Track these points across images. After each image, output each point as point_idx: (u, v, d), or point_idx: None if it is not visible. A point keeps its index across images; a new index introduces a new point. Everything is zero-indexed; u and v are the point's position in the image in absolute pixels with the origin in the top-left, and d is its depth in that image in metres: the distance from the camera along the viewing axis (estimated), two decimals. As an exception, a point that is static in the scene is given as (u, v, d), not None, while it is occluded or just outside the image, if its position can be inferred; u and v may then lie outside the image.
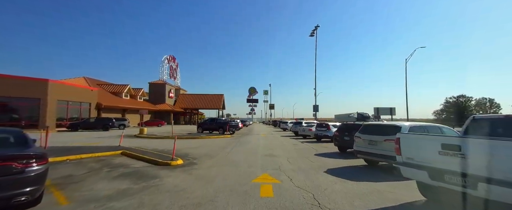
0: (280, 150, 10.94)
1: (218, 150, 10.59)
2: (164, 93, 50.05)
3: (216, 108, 55.37)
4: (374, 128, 6.79)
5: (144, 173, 6.05)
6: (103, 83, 40.22)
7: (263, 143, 14.46)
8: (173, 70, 56.80)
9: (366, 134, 6.78)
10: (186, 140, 15.90)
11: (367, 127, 7.16)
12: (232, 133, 22.59)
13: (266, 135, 22.66)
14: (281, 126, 31.16)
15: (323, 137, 15.36)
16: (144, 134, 18.53)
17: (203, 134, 19.85)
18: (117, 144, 11.38)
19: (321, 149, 11.61)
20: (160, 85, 50.22)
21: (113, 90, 38.31)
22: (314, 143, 14.44)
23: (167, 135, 18.99)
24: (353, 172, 6.37)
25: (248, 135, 22.25)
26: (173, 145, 8.59)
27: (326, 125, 15.47)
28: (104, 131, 23.78)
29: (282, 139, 17.62)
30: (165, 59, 52.77)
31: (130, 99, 40.75)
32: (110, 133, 20.96)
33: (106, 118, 25.56)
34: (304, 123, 20.95)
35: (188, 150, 10.67)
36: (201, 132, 22.62)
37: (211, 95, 58.69)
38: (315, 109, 26.46)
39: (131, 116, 38.29)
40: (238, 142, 14.54)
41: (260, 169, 6.70)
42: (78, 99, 26.58)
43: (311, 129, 17.72)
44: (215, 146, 12.43)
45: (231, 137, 19.12)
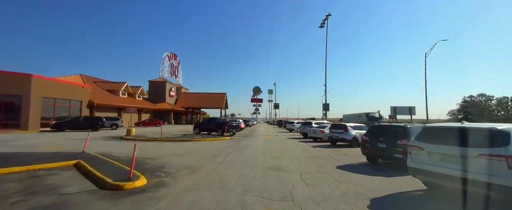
0: (289, 159, 8.42)
1: (207, 159, 8.14)
2: (164, 91, 48.07)
3: (219, 107, 53.11)
4: (449, 133, 4.14)
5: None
6: (99, 81, 38.43)
7: (267, 147, 11.95)
8: (175, 68, 54.84)
9: (435, 143, 4.17)
10: (176, 143, 13.53)
11: (434, 131, 4.54)
12: (232, 135, 20.15)
13: (271, 136, 20.15)
14: (287, 127, 28.57)
15: (339, 140, 12.74)
16: (132, 135, 16.27)
17: (199, 136, 17.49)
18: (87, 149, 9.06)
19: (341, 157, 9.02)
20: (160, 83, 48.26)
21: (110, 88, 36.43)
22: (329, 148, 11.84)
23: (163, 135, 16.76)
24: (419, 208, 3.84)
25: (250, 136, 19.78)
26: (149, 151, 6.16)
27: (343, 126, 12.84)
28: (93, 131, 21.69)
29: (289, 142, 15.07)
30: (166, 56, 50.81)
31: (128, 98, 38.84)
32: (99, 134, 18.82)
33: (96, 117, 23.49)
34: (314, 123, 18.33)
35: (170, 158, 8.25)
36: (198, 133, 20.29)
37: (214, 94, 56.46)
38: (326, 107, 23.80)
39: (128, 115, 36.34)
40: (236, 146, 12.07)
41: (261, 197, 4.21)
42: (67, 96, 24.61)
43: (324, 130, 15.11)
44: (206, 152, 9.98)
45: (230, 139, 16.69)
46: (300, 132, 19.28)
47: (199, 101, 54.04)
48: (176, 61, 55.85)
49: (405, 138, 6.48)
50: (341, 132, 12.64)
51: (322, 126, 16.36)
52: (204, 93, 57.05)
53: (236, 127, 19.93)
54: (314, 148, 11.92)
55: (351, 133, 12.37)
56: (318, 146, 12.73)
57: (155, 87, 48.09)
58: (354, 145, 12.25)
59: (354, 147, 12.15)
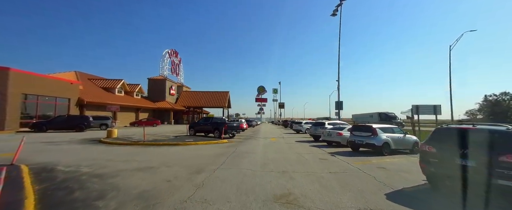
0: (304, 177, 5.72)
1: (184, 178, 5.53)
2: (164, 90, 45.89)
3: (221, 106, 50.65)
4: None
5: None
6: (95, 78, 36.45)
7: (271, 155, 9.25)
8: (176, 66, 52.68)
9: None
10: (160, 148, 10.99)
11: None
12: (231, 137, 17.55)
13: (276, 139, 17.45)
14: (294, 127, 25.77)
15: (364, 145, 9.94)
16: (112, 138, 13.85)
17: (192, 138, 14.95)
18: (32, 157, 6.58)
19: (380, 173, 6.27)
20: (160, 81, 46.10)
21: (105, 86, 34.37)
22: (353, 157, 9.08)
23: (152, 137, 14.40)
24: None
25: (253, 138, 17.13)
26: (112, 163, 3.62)
27: (369, 129, 10.03)
28: (78, 131, 19.44)
29: (299, 147, 12.34)
30: (166, 53, 48.66)
31: (125, 96, 36.73)
32: (79, 135, 16.51)
33: (81, 116, 21.24)
34: (328, 124, 15.52)
35: (129, 176, 5.67)
36: (193, 134, 17.77)
37: (216, 93, 54.05)
38: (339, 106, 20.92)
39: (125, 114, 34.23)
40: (233, 154, 9.42)
41: None
42: (52, 94, 22.47)
43: (341, 133, 12.33)
44: (189, 163, 7.38)
45: (228, 142, 14.07)
46: (311, 134, 16.49)
47: (200, 100, 51.72)
48: (177, 59, 53.69)
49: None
50: (368, 135, 9.83)
51: (338, 127, 13.55)
52: (205, 92, 54.71)
53: (236, 128, 17.31)
54: (332, 156, 9.17)
55: (381, 137, 9.57)
56: (337, 153, 9.97)
57: (154, 85, 45.96)
58: (386, 152, 9.44)
59: (385, 155, 9.34)
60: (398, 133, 10.19)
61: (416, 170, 6.80)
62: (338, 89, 21.13)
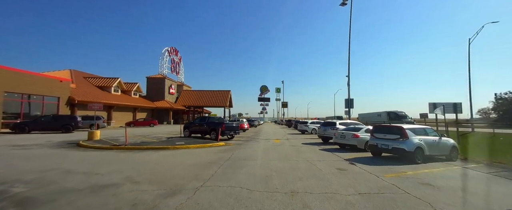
0: (326, 205, 3.88)
1: (148, 203, 3.74)
2: (163, 89, 44.34)
3: (222, 105, 48.95)
4: None
5: None
6: (90, 76, 35.04)
7: (274, 164, 7.42)
8: (176, 64, 51.17)
9: None
10: (142, 153, 9.25)
11: None
12: (230, 138, 15.78)
13: (280, 140, 15.61)
14: (299, 127, 23.86)
15: (391, 151, 8.04)
16: (94, 140, 12.20)
17: (184, 141, 13.23)
18: None
19: (431, 194, 4.40)
20: (158, 79, 44.58)
21: (100, 84, 32.92)
22: (378, 165, 7.19)
23: (140, 139, 12.77)
24: None
25: (254, 140, 15.33)
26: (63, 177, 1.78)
27: (397, 130, 8.10)
28: (64, 132, 17.88)
29: (308, 151, 10.48)
30: (166, 51, 47.15)
31: (121, 95, 35.26)
32: (66, 137, 14.94)
33: (69, 115, 19.68)
34: (339, 124, 13.58)
35: (72, 202, 3.91)
36: (188, 135, 16.06)
37: (217, 92, 52.37)
38: (349, 104, 18.92)
39: (122, 114, 32.76)
40: (227, 162, 7.62)
41: None
42: (39, 92, 20.97)
43: (358, 135, 10.44)
44: (165, 178, 5.60)
45: (225, 145, 12.29)
46: (320, 135, 14.55)
47: (201, 99, 50.10)
48: (177, 57, 52.18)
49: None
50: (395, 138, 7.93)
51: (352, 127, 11.63)
52: (206, 91, 53.08)
53: (235, 128, 15.51)
54: (352, 165, 7.30)
55: (412, 141, 7.65)
56: (355, 160, 8.09)
57: (153, 84, 44.46)
58: (419, 159, 7.54)
59: (418, 163, 7.44)
60: (432, 135, 8.27)
61: (481, 189, 4.90)
62: (348, 85, 19.21)
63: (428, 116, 34.19)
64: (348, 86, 19.12)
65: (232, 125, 15.26)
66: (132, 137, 15.17)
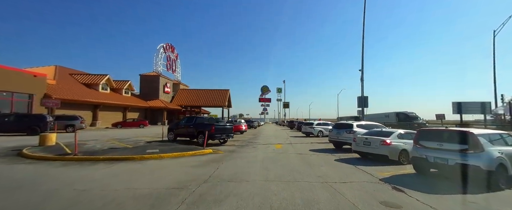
0: None
1: None
2: (157, 87, 41.74)
3: (220, 105, 46.28)
4: None
5: None
6: (77, 73, 32.51)
7: (277, 189, 4.74)
8: (172, 61, 48.60)
9: None
10: (92, 166, 6.58)
11: None
12: (222, 142, 13.13)
13: (283, 145, 12.93)
14: (304, 129, 21.12)
15: (451, 168, 5.31)
16: (44, 147, 9.56)
17: (168, 146, 10.58)
18: None
19: None
20: (152, 77, 42.00)
21: (87, 82, 30.36)
22: (442, 193, 4.48)
23: (110, 144, 10.15)
24: None
25: (250, 145, 12.64)
26: None
27: (464, 137, 5.34)
28: (30, 135, 15.27)
29: (322, 163, 7.76)
30: (161, 47, 44.58)
31: (110, 93, 32.69)
32: (24, 140, 12.32)
33: (37, 115, 17.04)
34: (357, 126, 10.81)
35: None
36: (173, 139, 13.45)
37: (215, 91, 49.73)
38: (363, 102, 16.12)
39: (110, 114, 30.20)
40: (201, 187, 4.92)
41: None
42: (8, 88, 18.41)
43: (388, 141, 7.71)
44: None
45: (213, 153, 9.61)
46: (332, 140, 11.73)
47: (198, 99, 47.46)
48: (173, 54, 49.63)
49: None
50: (461, 149, 5.19)
51: (378, 131, 8.86)
52: (204, 90, 50.45)
53: (228, 131, 12.78)
54: (399, 192, 4.59)
55: (491, 154, 4.92)
56: (396, 181, 5.38)
57: (146, 82, 41.88)
58: (502, 182, 4.82)
59: (503, 189, 4.71)
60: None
61: None
62: (361, 81, 16.47)
63: (445, 117, 31.27)
64: (361, 82, 16.40)
65: (225, 127, 12.55)
66: (105, 141, 12.55)
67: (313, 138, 18.60)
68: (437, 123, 30.59)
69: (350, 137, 10.48)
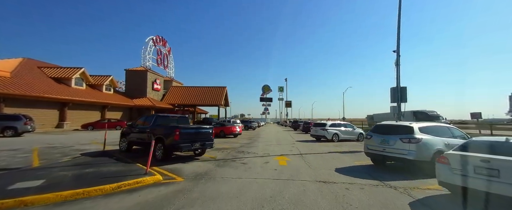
0: None
1: None
2: (145, 83, 37.35)
3: (216, 104, 41.82)
4: None
5: None
6: (47, 66, 28.14)
7: None
8: (163, 56, 44.26)
9: None
10: None
11: None
12: (198, 154, 8.65)
13: (290, 158, 8.46)
14: (314, 132, 16.56)
15: None
16: None
17: (92, 167, 6.13)
18: None
19: None
20: (139, 73, 37.62)
21: (57, 76, 25.99)
22: None
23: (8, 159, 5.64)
24: None
25: (239, 159, 8.17)
26: None
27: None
28: None
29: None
30: (150, 40, 40.19)
31: (87, 90, 28.32)
32: None
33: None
34: (420, 130, 6.24)
35: None
36: (126, 149, 9.04)
37: (210, 88, 45.30)
38: (399, 96, 11.47)
39: (84, 113, 25.87)
40: None
41: None
42: None
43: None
44: None
45: (159, 184, 5.12)
46: (372, 152, 6.95)
47: (192, 97, 43.00)
48: (165, 48, 45.29)
49: None
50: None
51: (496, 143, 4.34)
52: (198, 87, 46.01)
53: (204, 138, 8.11)
54: None
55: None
56: None
57: (133, 78, 37.52)
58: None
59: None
60: None
61: None
62: (396, 66, 11.88)
63: (481, 115, 26.43)
64: (396, 67, 11.81)
65: (198, 132, 7.97)
66: (19, 155, 8.15)
67: (327, 144, 14.06)
68: (473, 123, 25.94)
69: (406, 148, 5.99)
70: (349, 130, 16.20)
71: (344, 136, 15.81)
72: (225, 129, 17.35)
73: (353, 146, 13.16)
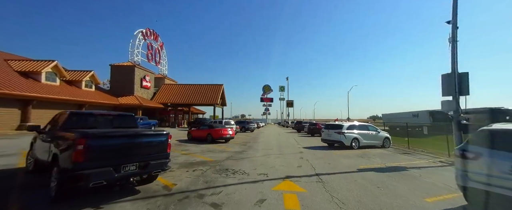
0: None
1: None
2: (132, 80, 33.82)
3: (211, 103, 38.19)
4: None
5: None
6: (16, 58, 24.66)
7: None
8: (155, 51, 40.76)
9: None
10: None
11: None
12: (142, 181, 4.97)
13: (297, 181, 4.84)
14: (326, 136, 12.84)
15: None
16: None
17: None
18: None
19: None
20: (126, 68, 34.08)
21: (25, 69, 22.47)
22: None
23: None
24: None
25: (212, 189, 4.57)
26: None
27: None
28: None
29: None
30: (139, 33, 36.70)
31: (60, 86, 24.77)
32: None
33: None
34: None
35: None
36: (32, 168, 5.39)
37: (205, 86, 41.79)
38: (457, 85, 7.84)
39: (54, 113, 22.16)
40: None
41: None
42: None
43: None
44: None
45: None
46: (492, 189, 3.44)
47: (185, 95, 39.43)
48: (157, 43, 41.79)
49: None
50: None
51: None
52: (191, 85, 42.50)
53: (151, 153, 4.53)
54: None
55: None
56: None
57: (119, 74, 33.98)
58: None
59: None
60: None
61: None
62: (451, 42, 8.19)
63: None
64: (452, 44, 8.14)
65: (135, 142, 4.30)
66: None
67: (346, 152, 10.38)
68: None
69: None
70: (372, 133, 12.54)
71: (366, 141, 12.16)
72: (214, 132, 13.74)
73: (385, 157, 9.53)
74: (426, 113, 33.92)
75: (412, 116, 36.46)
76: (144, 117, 27.03)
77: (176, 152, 9.89)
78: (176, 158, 8.36)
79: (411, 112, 37.38)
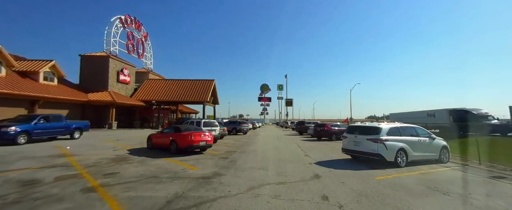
0: None
1: None
2: (106, 73, 29.01)
3: (200, 100, 33.47)
4: None
5: None
6: None
7: None
8: (137, 42, 35.99)
9: None
10: None
11: None
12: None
13: None
14: (348, 145, 8.29)
15: None
16: None
17: None
18: None
19: None
20: (99, 59, 29.26)
21: (-46, 55, 17.58)
22: None
23: None
24: None
25: None
26: None
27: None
28: None
29: None
30: (117, 20, 31.86)
31: (7, 77, 19.91)
32: None
33: None
34: None
35: None
36: None
37: (194, 82, 37.17)
38: None
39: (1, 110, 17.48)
40: None
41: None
42: None
43: None
44: None
45: None
46: None
47: (172, 92, 34.70)
48: (140, 33, 37.02)
49: None
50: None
51: None
52: (180, 80, 37.79)
53: None
54: None
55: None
56: None
57: (90, 66, 29.12)
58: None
59: None
60: None
61: None
62: None
63: None
64: None
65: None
66: None
67: (393, 174, 5.84)
68: None
69: None
70: (424, 140, 8.01)
71: (417, 153, 7.63)
72: (179, 138, 9.01)
73: (480, 189, 4.97)
74: (445, 111, 29.66)
75: (427, 116, 32.35)
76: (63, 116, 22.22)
77: (86, 180, 5.21)
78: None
79: (425, 111, 33.22)
